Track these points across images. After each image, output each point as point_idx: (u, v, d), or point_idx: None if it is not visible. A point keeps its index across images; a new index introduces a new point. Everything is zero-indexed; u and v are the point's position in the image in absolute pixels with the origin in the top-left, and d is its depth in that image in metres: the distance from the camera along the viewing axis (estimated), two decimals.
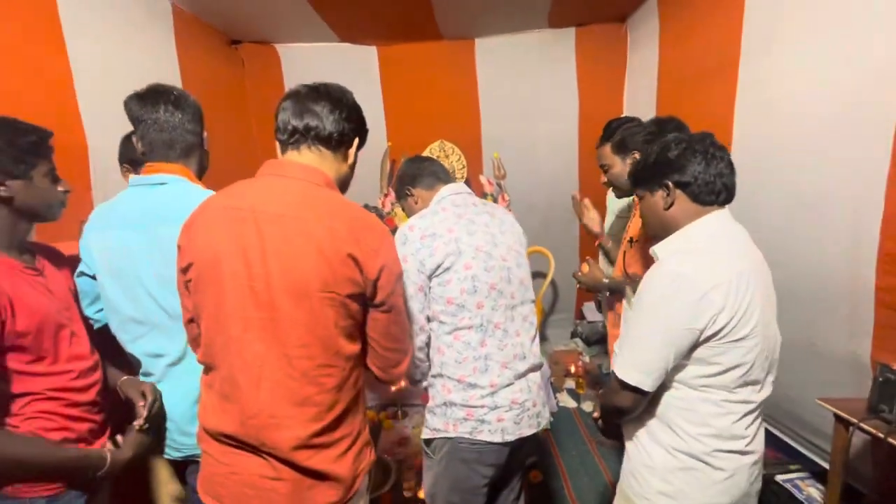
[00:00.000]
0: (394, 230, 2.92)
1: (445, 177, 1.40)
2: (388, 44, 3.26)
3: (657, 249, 1.05)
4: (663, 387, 0.99)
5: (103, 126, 1.86)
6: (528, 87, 3.31)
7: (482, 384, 1.21)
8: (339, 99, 0.99)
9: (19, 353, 0.95)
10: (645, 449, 1.04)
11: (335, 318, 0.89)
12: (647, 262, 1.26)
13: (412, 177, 1.40)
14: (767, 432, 2.07)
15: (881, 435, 1.15)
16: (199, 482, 0.99)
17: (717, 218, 1.01)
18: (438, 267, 1.19)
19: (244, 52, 3.16)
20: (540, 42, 3.24)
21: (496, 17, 3.01)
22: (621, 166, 1.55)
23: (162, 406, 1.15)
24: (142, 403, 1.09)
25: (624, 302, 1.40)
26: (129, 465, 1.09)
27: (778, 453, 2.02)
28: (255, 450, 0.92)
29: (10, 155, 0.96)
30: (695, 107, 2.37)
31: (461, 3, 2.72)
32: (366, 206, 3.00)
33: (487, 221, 1.29)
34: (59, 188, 1.08)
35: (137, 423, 1.08)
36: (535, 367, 1.31)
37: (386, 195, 3.07)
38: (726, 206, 1.05)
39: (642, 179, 1.08)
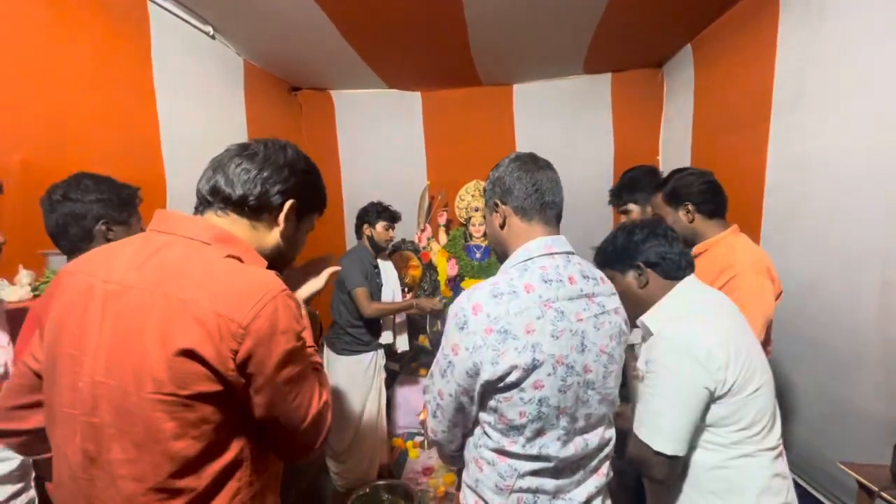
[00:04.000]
0: (427, 264, 3.10)
1: (552, 208, 0.96)
2: (431, 89, 3.50)
3: (645, 321, 1.11)
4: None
5: (180, 166, 2.18)
6: (564, 131, 3.41)
7: None
8: (266, 157, 0.81)
9: None
10: None
11: (172, 430, 0.66)
12: None
13: (507, 188, 0.96)
14: (804, 492, 1.98)
15: None
16: None
17: (691, 283, 1.10)
18: (500, 380, 0.84)
19: (302, 97, 3.50)
20: (576, 87, 3.36)
21: (533, 65, 3.17)
22: (674, 216, 1.58)
23: None
24: None
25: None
26: None
27: None
28: None
29: (117, 204, 1.18)
30: (728, 156, 2.39)
31: (499, 52, 2.90)
32: (402, 241, 3.20)
33: (581, 310, 0.90)
34: None
35: None
36: (596, 493, 0.97)
37: (423, 230, 3.23)
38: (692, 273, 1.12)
39: (610, 262, 1.15)
